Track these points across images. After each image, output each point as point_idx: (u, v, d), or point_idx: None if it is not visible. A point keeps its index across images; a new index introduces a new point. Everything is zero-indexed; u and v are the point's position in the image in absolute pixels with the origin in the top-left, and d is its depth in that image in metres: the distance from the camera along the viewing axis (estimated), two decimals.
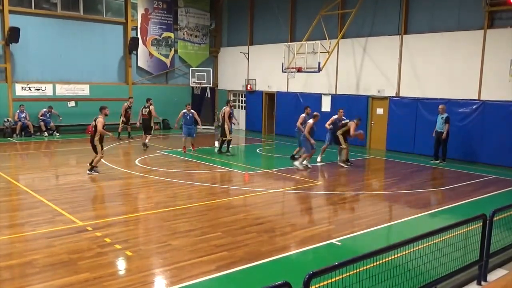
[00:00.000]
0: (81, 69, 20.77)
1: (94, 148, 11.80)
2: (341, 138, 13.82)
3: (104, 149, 12.11)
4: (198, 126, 16.49)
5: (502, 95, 14.29)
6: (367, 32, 18.10)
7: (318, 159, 14.27)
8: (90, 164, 12.08)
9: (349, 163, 13.90)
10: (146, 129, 16.60)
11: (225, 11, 24.84)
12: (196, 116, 16.18)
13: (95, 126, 11.60)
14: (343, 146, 13.76)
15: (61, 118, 19.73)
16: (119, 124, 18.96)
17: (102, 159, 12.16)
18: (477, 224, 5.51)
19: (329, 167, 13.86)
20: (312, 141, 12.99)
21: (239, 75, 23.77)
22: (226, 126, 15.28)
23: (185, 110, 16.08)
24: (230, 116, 15.57)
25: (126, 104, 18.85)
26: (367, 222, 8.21)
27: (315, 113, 13.78)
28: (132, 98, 19.52)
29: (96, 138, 11.67)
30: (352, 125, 13.68)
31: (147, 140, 16.38)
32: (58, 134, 19.45)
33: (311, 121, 13.17)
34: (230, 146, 15.79)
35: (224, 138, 15.44)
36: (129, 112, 18.97)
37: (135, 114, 22.07)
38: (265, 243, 6.94)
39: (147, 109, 16.73)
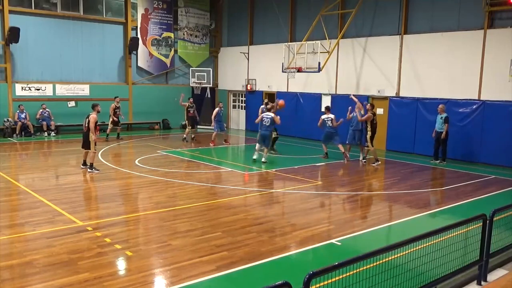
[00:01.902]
0: (81, 69, 20.77)
1: (88, 144, 11.89)
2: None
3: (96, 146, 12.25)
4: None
5: (502, 95, 14.29)
6: (367, 32, 18.10)
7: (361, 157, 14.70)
8: (84, 163, 12.25)
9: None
10: (192, 125, 18.66)
11: (225, 11, 24.84)
12: None
13: (89, 122, 11.83)
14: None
15: (53, 118, 19.64)
16: (108, 125, 18.60)
17: (102, 159, 12.18)
18: (477, 224, 5.51)
19: (329, 167, 13.86)
20: None
21: (239, 75, 23.77)
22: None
23: (218, 108, 17.52)
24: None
25: (113, 104, 18.32)
26: (367, 222, 8.21)
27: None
28: (118, 97, 18.95)
29: (91, 134, 11.79)
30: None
31: (185, 135, 18.54)
32: (54, 134, 19.39)
33: None
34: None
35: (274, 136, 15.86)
36: (118, 112, 18.48)
37: (137, 115, 22.24)
38: (265, 243, 6.94)
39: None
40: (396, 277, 4.49)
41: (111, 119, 18.44)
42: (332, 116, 14.61)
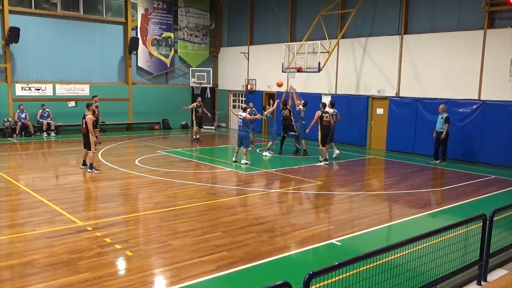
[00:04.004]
0: (81, 69, 20.77)
1: (88, 144, 11.88)
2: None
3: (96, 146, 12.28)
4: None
5: (502, 95, 14.29)
6: (367, 32, 18.10)
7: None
8: (84, 163, 12.23)
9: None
10: (200, 124, 18.60)
11: (225, 11, 24.84)
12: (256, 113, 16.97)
13: (86, 124, 11.81)
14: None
15: (51, 119, 19.58)
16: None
17: (102, 159, 12.18)
18: (477, 224, 5.51)
19: (329, 167, 13.85)
20: None
21: (239, 75, 23.77)
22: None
23: (249, 109, 16.66)
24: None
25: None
26: (367, 222, 8.21)
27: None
28: (97, 96, 17.92)
29: (90, 135, 11.80)
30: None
31: (197, 136, 18.37)
32: (54, 134, 19.38)
33: None
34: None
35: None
36: (96, 113, 16.56)
37: (137, 115, 22.24)
38: (265, 243, 6.94)
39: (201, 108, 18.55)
40: (396, 277, 4.49)
41: None
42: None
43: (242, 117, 13.78)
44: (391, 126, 17.33)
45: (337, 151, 15.19)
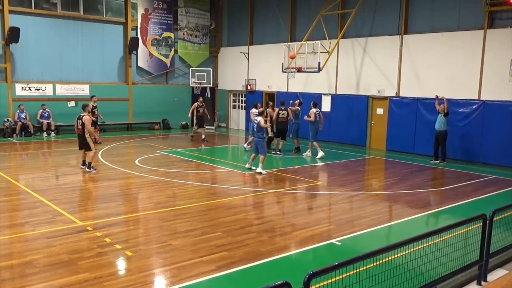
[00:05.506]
0: (81, 69, 20.76)
1: (86, 145, 11.90)
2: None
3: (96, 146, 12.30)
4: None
5: (502, 95, 14.29)
6: (367, 32, 18.10)
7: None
8: (84, 163, 12.24)
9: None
10: (200, 124, 18.61)
11: (225, 11, 24.84)
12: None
13: (83, 124, 11.78)
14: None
15: (51, 119, 19.57)
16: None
17: (102, 159, 12.18)
18: (477, 224, 5.51)
19: (329, 167, 13.86)
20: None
21: (239, 75, 23.77)
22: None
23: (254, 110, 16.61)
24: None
25: (90, 104, 15.63)
26: (367, 222, 8.21)
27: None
28: (95, 96, 18.09)
29: (87, 135, 11.81)
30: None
31: (203, 136, 18.49)
32: (54, 134, 19.37)
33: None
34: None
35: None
36: (96, 113, 17.32)
37: (137, 115, 22.25)
38: (265, 243, 6.94)
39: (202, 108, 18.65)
40: (396, 277, 4.49)
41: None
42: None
43: (257, 122, 13.04)
44: (391, 126, 17.34)
45: (313, 154, 15.18)
